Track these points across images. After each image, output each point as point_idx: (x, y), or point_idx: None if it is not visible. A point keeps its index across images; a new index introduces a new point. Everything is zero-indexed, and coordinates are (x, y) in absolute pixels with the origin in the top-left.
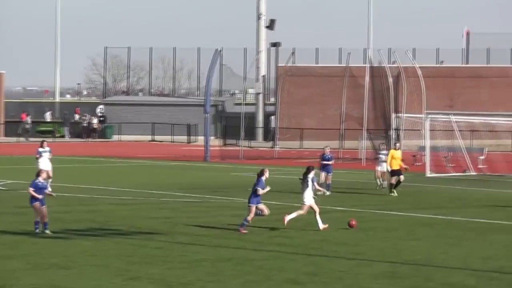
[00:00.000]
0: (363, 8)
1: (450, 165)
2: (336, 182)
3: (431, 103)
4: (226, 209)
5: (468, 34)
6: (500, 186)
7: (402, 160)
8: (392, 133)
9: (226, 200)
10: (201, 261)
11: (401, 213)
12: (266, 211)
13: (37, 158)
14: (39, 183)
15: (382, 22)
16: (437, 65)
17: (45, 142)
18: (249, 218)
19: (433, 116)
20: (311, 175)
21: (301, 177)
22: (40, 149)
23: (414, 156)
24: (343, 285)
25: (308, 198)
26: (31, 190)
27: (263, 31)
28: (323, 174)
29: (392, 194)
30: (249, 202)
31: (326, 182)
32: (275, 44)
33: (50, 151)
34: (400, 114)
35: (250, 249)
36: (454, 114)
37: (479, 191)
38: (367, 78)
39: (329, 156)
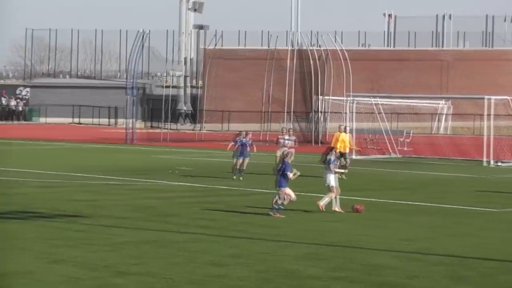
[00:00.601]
0: None
1: (374, 147)
2: (258, 164)
3: (356, 86)
4: (150, 191)
5: (391, 16)
6: (423, 168)
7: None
8: (313, 116)
9: (150, 182)
10: (125, 243)
11: (322, 195)
12: (293, 196)
13: None
14: None
15: (308, 5)
16: (362, 48)
17: None
18: (280, 201)
19: (357, 99)
20: (330, 156)
21: (322, 160)
22: None
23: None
24: (266, 266)
25: (331, 179)
26: None
27: (184, 13)
28: (236, 159)
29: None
30: (279, 186)
31: (240, 167)
32: (201, 27)
33: None
34: (324, 97)
35: (174, 231)
36: (379, 97)
37: (403, 173)
38: (289, 61)
39: (246, 141)
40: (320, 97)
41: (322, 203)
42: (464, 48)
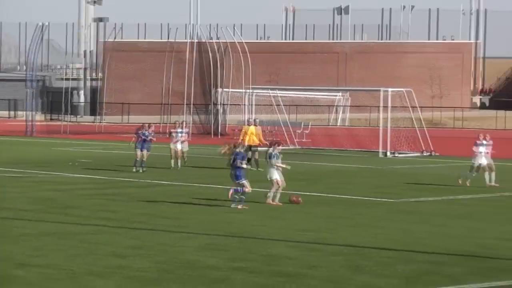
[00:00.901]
0: None
1: (273, 139)
2: (158, 156)
3: (255, 79)
4: (50, 183)
5: (289, 10)
6: (322, 160)
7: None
8: (212, 108)
9: (50, 174)
10: (25, 235)
11: (224, 187)
12: (248, 188)
13: None
14: None
15: None
16: (261, 41)
17: None
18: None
19: (256, 91)
20: (271, 150)
21: (267, 154)
22: None
23: (234, 130)
24: (167, 257)
25: (272, 173)
26: None
27: (84, 5)
28: (138, 152)
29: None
30: (236, 179)
31: (141, 159)
32: (101, 19)
33: None
34: (223, 89)
35: (74, 223)
36: (277, 89)
37: (302, 165)
38: (188, 54)
39: (148, 133)
40: (219, 89)
41: (269, 199)
42: (362, 41)
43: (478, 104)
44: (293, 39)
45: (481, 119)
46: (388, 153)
